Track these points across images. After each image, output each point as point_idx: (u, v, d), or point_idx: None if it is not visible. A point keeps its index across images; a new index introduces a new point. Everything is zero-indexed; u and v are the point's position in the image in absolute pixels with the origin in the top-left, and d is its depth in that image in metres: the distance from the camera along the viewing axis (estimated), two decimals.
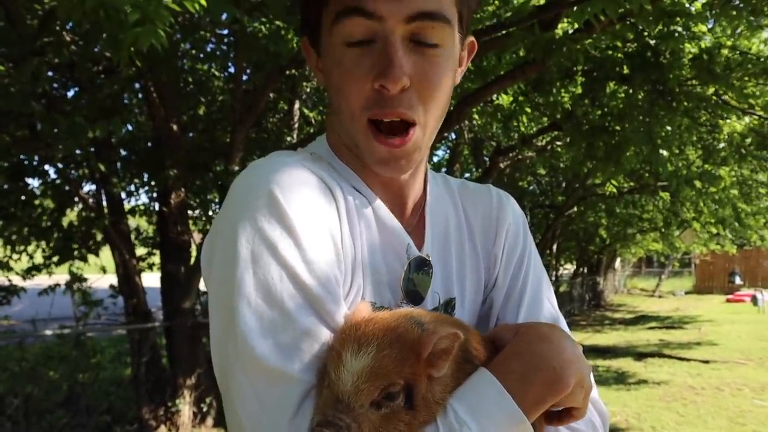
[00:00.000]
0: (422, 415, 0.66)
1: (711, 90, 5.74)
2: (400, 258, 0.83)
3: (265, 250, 0.70)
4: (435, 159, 10.61)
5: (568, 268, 20.61)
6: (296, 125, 6.41)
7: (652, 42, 5.15)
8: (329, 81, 0.81)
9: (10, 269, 5.96)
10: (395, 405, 0.64)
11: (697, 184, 7.64)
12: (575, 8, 3.21)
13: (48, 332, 4.98)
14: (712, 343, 10.74)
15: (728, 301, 19.59)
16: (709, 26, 5.50)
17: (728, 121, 6.70)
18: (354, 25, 0.74)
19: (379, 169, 0.81)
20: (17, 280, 5.94)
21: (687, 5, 4.53)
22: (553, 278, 16.88)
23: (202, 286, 6.01)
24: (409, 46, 0.75)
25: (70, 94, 5.82)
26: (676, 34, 4.67)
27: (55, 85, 5.59)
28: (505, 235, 0.94)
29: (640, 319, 15.21)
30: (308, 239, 0.71)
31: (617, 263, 24.41)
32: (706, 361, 8.96)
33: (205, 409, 5.41)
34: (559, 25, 4.11)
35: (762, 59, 5.32)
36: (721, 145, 7.41)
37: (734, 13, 4.02)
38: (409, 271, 0.82)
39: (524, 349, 0.71)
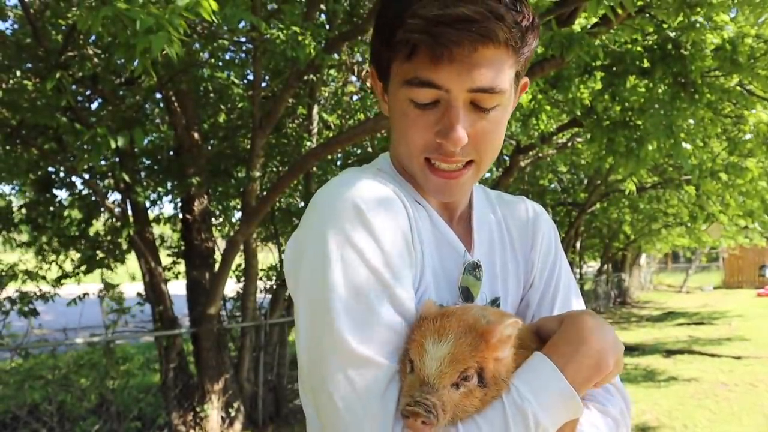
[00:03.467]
0: (492, 391, 0.77)
1: (735, 80, 5.62)
2: (456, 262, 0.94)
3: (353, 253, 0.80)
4: None
5: (592, 266, 20.37)
6: (315, 130, 6.44)
7: (673, 34, 5.07)
8: (393, 120, 0.93)
9: (42, 278, 6.09)
10: (470, 384, 0.76)
11: (723, 176, 7.49)
12: (592, 1, 3.18)
13: (79, 340, 5.08)
14: (743, 339, 10.51)
15: (759, 295, 19.14)
16: (731, 15, 5.39)
17: (754, 111, 6.55)
18: (423, 93, 0.85)
19: (434, 195, 0.94)
20: (48, 289, 6.06)
21: None
22: (578, 276, 16.68)
23: (227, 292, 6.08)
24: (468, 107, 0.86)
25: (94, 106, 5.95)
26: (698, 25, 4.59)
27: (80, 98, 5.71)
28: (540, 243, 1.06)
29: (668, 316, 14.96)
30: (389, 245, 0.82)
31: (642, 259, 24.04)
32: (738, 357, 8.77)
33: (233, 414, 5.46)
34: (577, 21, 4.07)
35: None
36: (747, 136, 7.25)
37: (757, 0, 3.93)
38: (465, 273, 0.94)
39: (573, 334, 0.82)
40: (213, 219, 6.61)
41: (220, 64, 5.93)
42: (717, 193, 9.32)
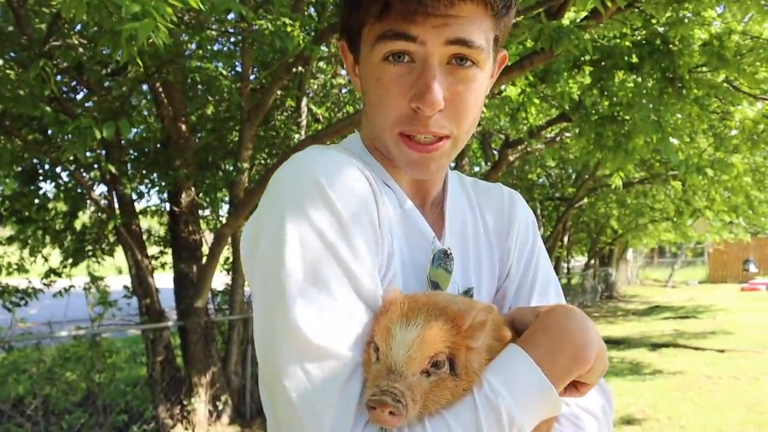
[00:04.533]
0: (463, 383, 0.70)
1: (721, 76, 5.66)
2: (425, 250, 0.88)
3: (313, 234, 0.73)
4: None
5: (579, 260, 20.51)
6: (304, 122, 6.40)
7: (661, 29, 5.09)
8: (366, 91, 0.87)
9: (26, 271, 6.03)
10: (441, 373, 0.69)
11: (709, 172, 7.57)
12: None
13: (64, 333, 5.03)
14: (727, 333, 10.64)
15: (743, 290, 19.40)
16: (719, 11, 5.42)
17: (740, 107, 6.61)
18: (397, 45, 0.79)
19: (408, 170, 0.87)
20: (35, 284, 6.00)
21: None
22: (565, 270, 16.79)
23: (215, 285, 6.05)
24: (445, 68, 0.80)
25: (80, 97, 5.87)
26: (686, 20, 4.61)
27: (65, 88, 5.63)
28: (517, 231, 1.00)
29: (654, 310, 15.11)
30: (353, 226, 0.75)
31: (629, 254, 24.25)
32: (722, 351, 8.88)
33: (220, 407, 5.44)
34: (566, 14, 4.07)
35: None
36: (733, 132, 7.31)
37: None
38: (433, 262, 0.88)
39: (551, 325, 0.75)
40: (201, 211, 6.56)
41: (208, 55, 5.87)
42: (703, 188, 9.42)
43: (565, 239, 15.41)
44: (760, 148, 7.71)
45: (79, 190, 5.98)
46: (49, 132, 5.29)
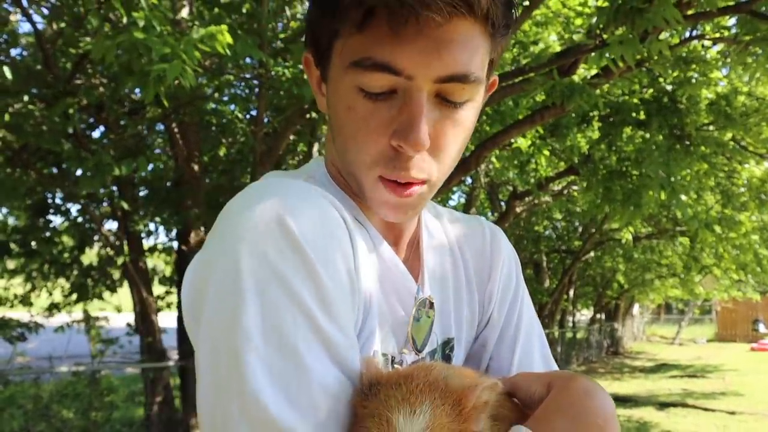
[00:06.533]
0: None
1: (728, 135, 5.76)
2: (406, 302, 0.76)
3: (277, 286, 0.59)
4: (451, 203, 10.64)
5: (585, 314, 20.27)
6: None
7: (669, 87, 5.22)
8: (335, 116, 0.73)
9: (30, 304, 6.02)
10: None
11: (717, 228, 7.58)
12: (593, 54, 3.28)
13: (63, 369, 4.98)
14: (737, 394, 10.40)
15: (752, 350, 19.05)
16: (724, 73, 5.56)
17: (747, 166, 6.69)
18: (376, 79, 0.65)
19: (383, 213, 0.74)
20: (35, 319, 5.98)
21: (702, 53, 4.59)
22: (570, 324, 16.57)
23: None
24: (433, 101, 0.68)
25: (96, 134, 6.00)
26: (693, 80, 4.73)
27: (83, 125, 5.77)
28: (500, 273, 0.88)
29: (661, 367, 14.82)
30: (327, 276, 0.61)
31: (635, 309, 23.96)
32: (732, 413, 8.65)
33: None
34: (577, 72, 4.18)
35: None
36: (741, 189, 7.37)
37: (750, 60, 4.06)
38: (416, 314, 0.76)
39: (569, 405, 0.63)
40: None
41: (226, 98, 6.02)
42: (711, 245, 9.39)
43: (571, 292, 15.28)
44: None
45: (87, 226, 6.03)
46: (63, 166, 5.39)
